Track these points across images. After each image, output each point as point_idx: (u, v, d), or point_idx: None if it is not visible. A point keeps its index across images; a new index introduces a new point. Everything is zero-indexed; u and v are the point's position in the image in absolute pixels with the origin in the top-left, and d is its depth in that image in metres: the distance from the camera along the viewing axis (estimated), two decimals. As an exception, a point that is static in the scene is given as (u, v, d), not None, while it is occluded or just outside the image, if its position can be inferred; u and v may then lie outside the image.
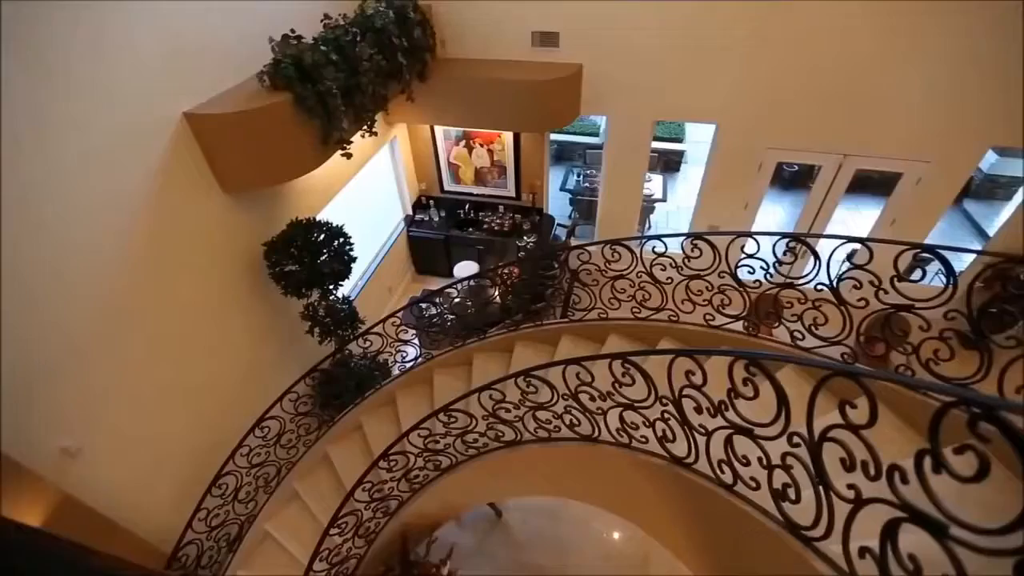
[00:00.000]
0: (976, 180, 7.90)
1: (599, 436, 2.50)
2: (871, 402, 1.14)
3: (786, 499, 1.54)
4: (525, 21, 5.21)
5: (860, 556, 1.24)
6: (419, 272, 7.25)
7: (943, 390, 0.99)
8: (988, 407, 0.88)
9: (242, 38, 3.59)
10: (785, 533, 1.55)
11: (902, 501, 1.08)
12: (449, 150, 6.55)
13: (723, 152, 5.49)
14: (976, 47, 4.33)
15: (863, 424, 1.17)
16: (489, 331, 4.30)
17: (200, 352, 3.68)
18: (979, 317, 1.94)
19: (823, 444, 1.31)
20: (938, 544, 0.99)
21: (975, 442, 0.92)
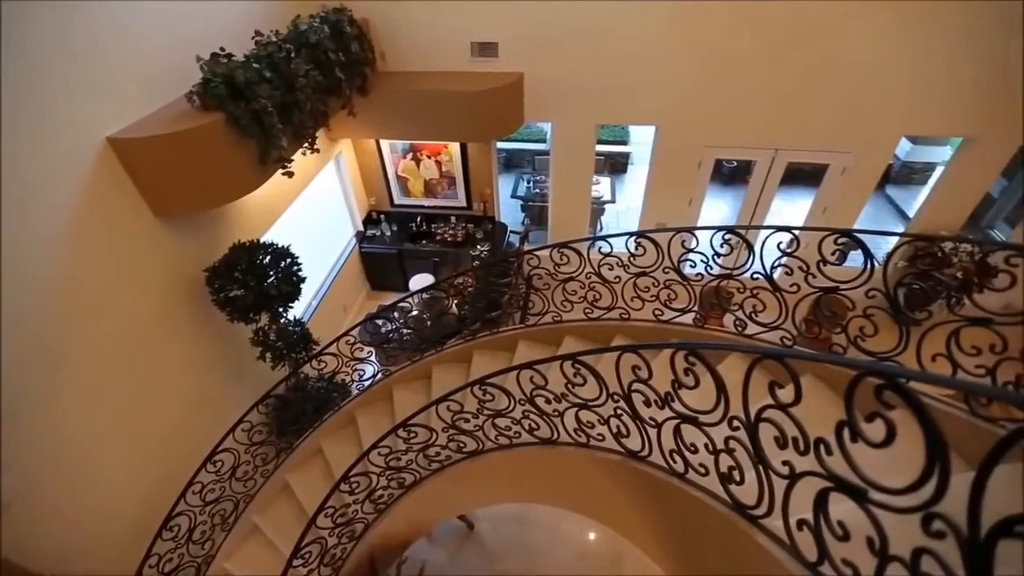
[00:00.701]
0: (895, 167, 8.50)
1: (558, 438, 2.53)
2: (794, 381, 1.20)
3: (732, 481, 1.60)
4: (464, 32, 5.26)
5: (799, 529, 1.31)
6: (374, 288, 7.13)
7: (850, 364, 1.05)
8: (889, 376, 0.95)
9: (169, 58, 3.46)
10: (734, 514, 1.61)
11: (828, 472, 1.15)
12: (396, 163, 6.50)
13: (664, 152, 5.70)
14: (888, 46, 4.68)
15: (790, 403, 1.23)
16: (447, 342, 4.27)
17: (138, 390, 3.49)
18: (896, 294, 2.08)
19: (759, 425, 1.37)
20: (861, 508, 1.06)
21: (882, 410, 0.98)
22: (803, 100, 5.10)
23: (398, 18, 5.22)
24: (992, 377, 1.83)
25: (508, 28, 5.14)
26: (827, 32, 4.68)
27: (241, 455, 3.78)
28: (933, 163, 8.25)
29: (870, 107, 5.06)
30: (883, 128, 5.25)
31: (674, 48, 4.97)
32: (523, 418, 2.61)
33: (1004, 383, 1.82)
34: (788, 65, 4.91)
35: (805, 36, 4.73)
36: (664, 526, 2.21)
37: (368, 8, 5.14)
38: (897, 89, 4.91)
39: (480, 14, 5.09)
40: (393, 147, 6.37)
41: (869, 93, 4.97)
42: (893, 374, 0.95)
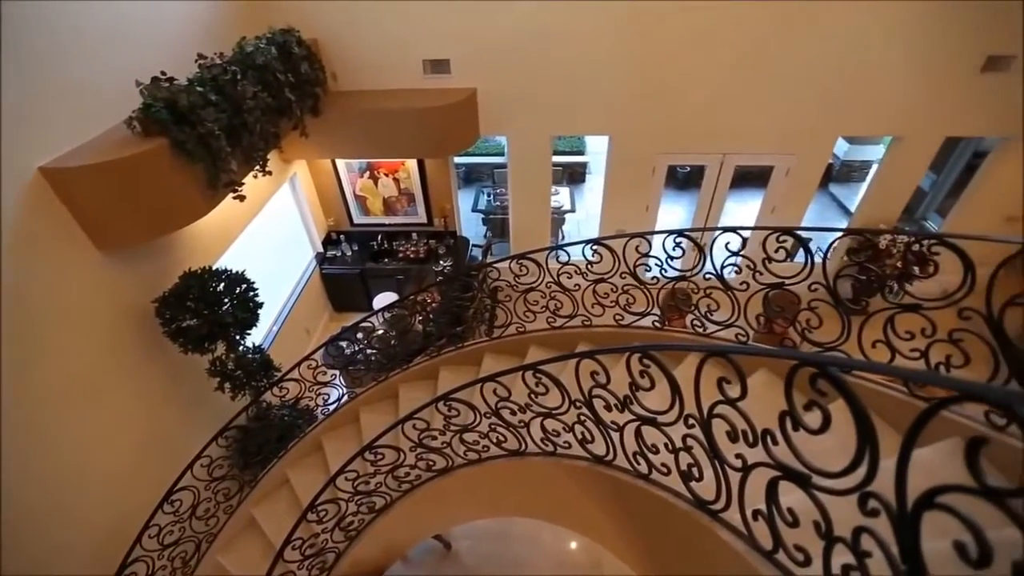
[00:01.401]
0: (835, 167, 8.97)
1: (526, 449, 2.53)
2: (740, 376, 1.25)
3: (692, 479, 1.64)
4: (415, 50, 5.29)
5: (754, 519, 1.35)
6: (337, 310, 7.00)
7: (787, 355, 1.10)
8: (820, 364, 1.00)
9: (107, 83, 3.35)
10: (696, 511, 1.64)
11: (775, 461, 1.19)
12: (354, 182, 6.44)
13: (618, 161, 5.84)
14: (822, 53, 4.96)
15: (737, 397, 1.27)
16: (414, 360, 4.22)
17: (84, 433, 3.29)
18: (836, 286, 2.19)
19: (712, 421, 1.41)
20: (805, 493, 1.10)
21: (817, 398, 1.03)
22: (746, 106, 5.35)
23: (348, 38, 5.21)
24: (925, 359, 1.94)
25: (459, 45, 5.20)
26: (766, 41, 4.94)
27: (201, 492, 3.61)
28: (869, 161, 8.74)
29: (808, 111, 5.34)
30: (821, 130, 5.55)
31: (622, 60, 5.14)
32: (490, 431, 2.61)
33: (936, 364, 1.94)
34: (731, 73, 5.14)
35: (746, 46, 4.97)
36: (633, 528, 2.24)
37: (317, 28, 5.12)
38: (831, 93, 5.21)
39: (430, 32, 5.14)
40: (350, 166, 6.31)
41: (806, 98, 5.25)
42: (824, 363, 1.00)
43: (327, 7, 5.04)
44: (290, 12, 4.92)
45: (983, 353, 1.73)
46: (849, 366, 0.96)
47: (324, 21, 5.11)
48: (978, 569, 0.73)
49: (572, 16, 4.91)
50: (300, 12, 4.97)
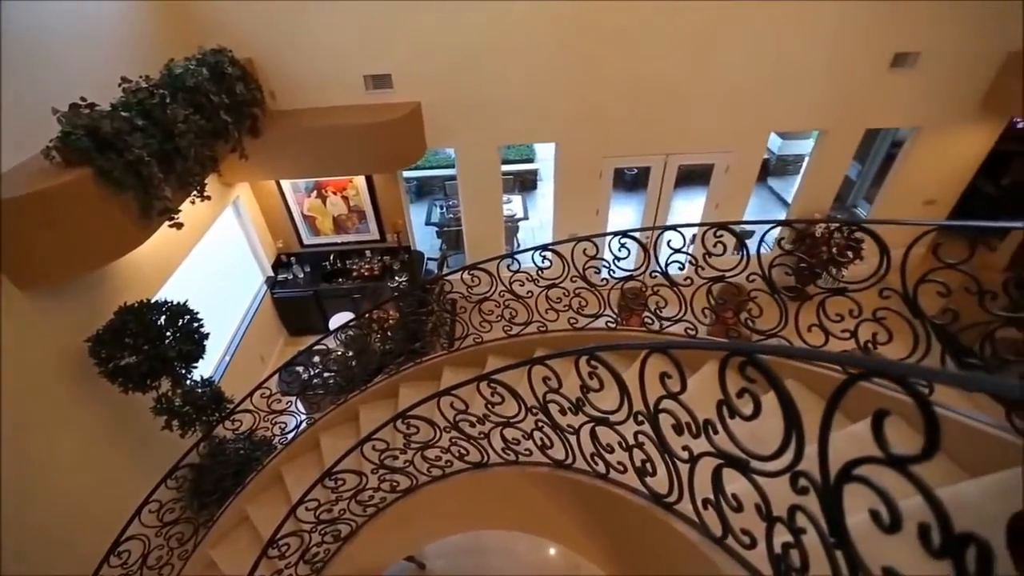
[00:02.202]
0: (772, 161, 9.43)
1: (489, 460, 2.52)
2: (678, 369, 1.28)
3: (647, 474, 1.67)
4: (355, 66, 5.24)
5: (704, 508, 1.38)
6: (292, 334, 6.78)
7: (716, 346, 1.15)
8: (747, 353, 1.04)
9: (21, 112, 3.15)
10: (652, 505, 1.67)
11: (717, 449, 1.23)
12: (301, 203, 6.29)
13: (566, 167, 5.95)
14: (751, 54, 5.23)
15: (678, 391, 1.31)
16: (374, 380, 4.14)
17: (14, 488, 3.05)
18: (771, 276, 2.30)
19: (659, 416, 1.45)
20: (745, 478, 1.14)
21: (748, 384, 1.08)
22: (685, 107, 5.56)
23: (285, 56, 5.11)
24: (855, 338, 2.05)
25: (400, 59, 5.19)
26: (700, 45, 5.15)
27: (152, 540, 3.40)
28: (802, 155, 9.24)
29: (741, 110, 5.61)
30: (754, 127, 5.83)
31: (562, 68, 5.24)
32: (452, 445, 2.58)
33: (865, 342, 2.06)
34: (669, 77, 5.34)
35: (682, 50, 5.17)
36: (599, 529, 2.26)
37: (251, 47, 4.99)
38: (762, 92, 5.49)
39: (370, 47, 5.10)
40: (296, 186, 6.15)
41: (739, 97, 5.52)
42: (750, 351, 1.05)
43: (260, 26, 4.93)
44: (221, 32, 4.78)
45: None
46: (770, 352, 1.00)
47: (258, 40, 4.99)
48: (891, 534, 0.77)
49: (511, 26, 4.98)
50: (232, 32, 4.83)
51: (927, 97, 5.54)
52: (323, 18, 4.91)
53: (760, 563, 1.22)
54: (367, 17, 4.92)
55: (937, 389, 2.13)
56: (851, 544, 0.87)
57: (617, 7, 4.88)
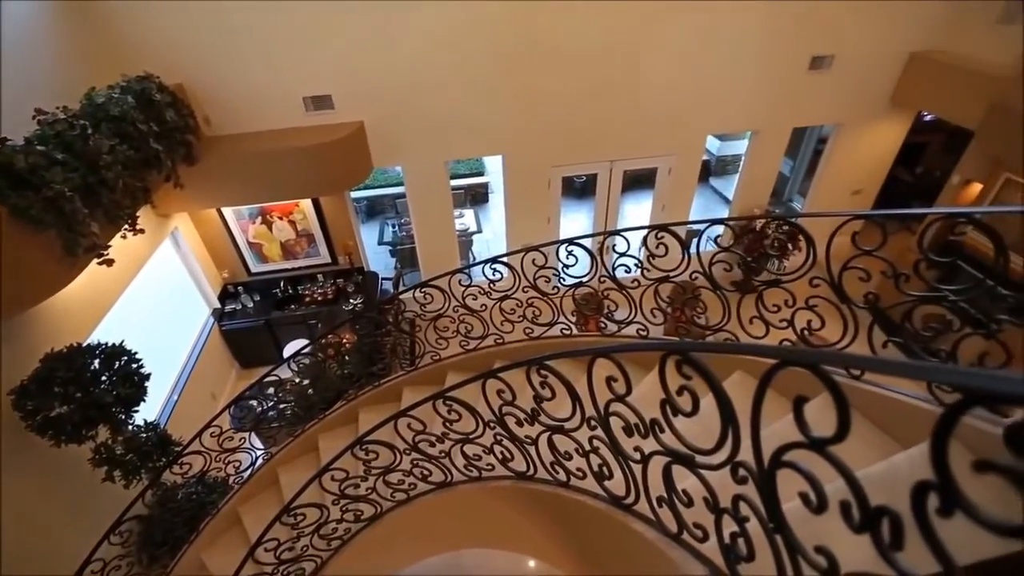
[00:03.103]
0: (712, 162, 9.85)
1: (452, 479, 2.48)
2: (622, 372, 1.31)
3: (605, 478, 1.69)
4: (293, 88, 5.14)
5: (659, 506, 1.41)
6: (245, 366, 6.51)
7: (653, 347, 1.18)
8: (683, 350, 1.07)
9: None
10: (612, 508, 1.69)
11: (665, 447, 1.25)
12: (246, 230, 6.07)
13: (514, 178, 6.01)
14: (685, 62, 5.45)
15: (624, 393, 1.33)
16: (333, 407, 4.01)
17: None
18: (711, 272, 2.39)
19: (609, 419, 1.47)
20: (691, 472, 1.17)
21: (687, 383, 1.11)
22: (624, 115, 5.74)
23: (218, 80, 4.95)
24: (792, 326, 2.16)
25: (339, 79, 5.13)
26: (631, 56, 5.34)
27: (96, 603, 3.16)
28: (739, 155, 9.69)
29: (678, 114, 5.84)
30: (692, 130, 6.08)
31: (504, 81, 5.31)
32: (413, 467, 2.53)
33: (804, 329, 2.16)
34: (606, 85, 5.50)
35: (616, 60, 5.34)
36: (565, 536, 2.26)
37: (181, 73, 4.81)
38: (696, 97, 5.74)
39: (307, 69, 5.02)
40: (239, 213, 5.94)
41: (676, 102, 5.75)
42: (685, 349, 1.08)
43: (189, 51, 4.76)
44: (148, 58, 4.59)
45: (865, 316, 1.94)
46: (701, 349, 1.04)
47: (188, 65, 4.82)
48: (819, 514, 0.81)
49: (448, 42, 5.02)
50: (159, 58, 4.65)
51: (844, 96, 5.94)
52: (256, 42, 4.80)
53: (713, 555, 1.24)
54: (302, 39, 4.85)
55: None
56: (788, 527, 0.91)
57: (552, 19, 5.00)
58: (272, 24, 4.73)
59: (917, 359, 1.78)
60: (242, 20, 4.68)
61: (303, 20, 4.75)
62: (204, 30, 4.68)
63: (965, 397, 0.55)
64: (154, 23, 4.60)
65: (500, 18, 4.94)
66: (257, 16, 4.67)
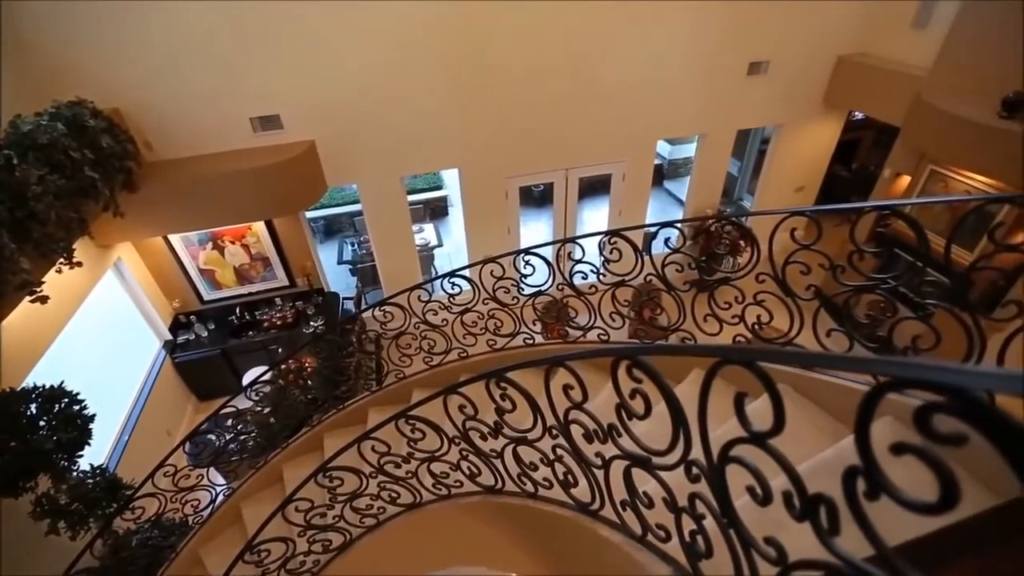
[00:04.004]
0: (665, 166, 10.15)
1: (421, 499, 2.43)
2: (577, 380, 1.32)
3: (570, 485, 1.69)
4: (239, 109, 5.01)
5: (623, 509, 1.42)
6: (202, 398, 6.23)
7: (605, 352, 1.19)
8: (631, 354, 1.09)
9: None
10: (579, 515, 1.69)
11: (623, 451, 1.27)
12: (196, 257, 5.84)
13: (471, 190, 6.03)
14: (631, 68, 5.60)
15: (580, 400, 1.34)
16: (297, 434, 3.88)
17: None
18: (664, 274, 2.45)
19: (570, 427, 1.47)
20: (649, 474, 1.19)
21: (637, 385, 1.12)
22: (575, 123, 5.85)
23: (158, 104, 4.77)
24: (743, 322, 2.23)
25: (287, 99, 5.03)
26: (579, 65, 5.46)
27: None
28: (689, 157, 10.03)
29: (628, 121, 6.00)
30: (642, 136, 6.25)
31: (455, 94, 5.33)
32: (381, 491, 2.47)
33: (754, 323, 2.24)
34: (557, 96, 5.59)
35: (564, 70, 5.45)
36: (537, 548, 2.24)
37: (117, 97, 4.61)
38: (645, 104, 5.91)
39: (252, 89, 4.90)
40: (187, 240, 5.71)
41: (625, 110, 5.90)
42: (633, 352, 1.10)
43: (124, 75, 4.58)
44: (80, 83, 4.38)
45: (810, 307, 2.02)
46: (648, 351, 1.06)
47: (124, 89, 4.63)
48: (765, 506, 0.83)
49: (396, 58, 5.00)
50: (92, 82, 4.44)
51: (781, 98, 6.25)
52: (197, 63, 4.66)
53: (677, 554, 1.26)
54: (245, 59, 4.74)
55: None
56: (739, 521, 0.93)
57: (499, 31, 5.06)
58: (213, 45, 4.61)
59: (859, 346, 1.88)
60: (180, 41, 4.53)
61: (245, 40, 4.65)
62: (140, 52, 4.52)
63: (878, 385, 0.57)
64: (86, 47, 4.41)
65: (447, 32, 4.98)
66: (195, 37, 4.54)
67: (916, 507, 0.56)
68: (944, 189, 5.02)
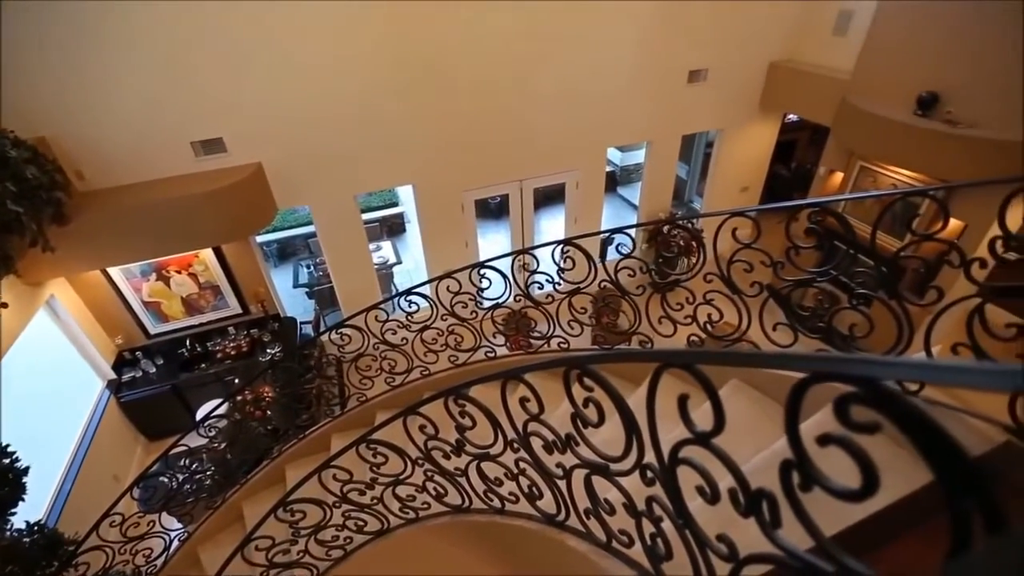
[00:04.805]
0: (617, 173, 10.41)
1: (389, 525, 2.37)
2: (532, 392, 1.32)
3: (536, 498, 1.68)
4: (178, 133, 4.81)
5: (587, 518, 1.42)
6: (153, 438, 5.90)
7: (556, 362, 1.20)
8: (581, 363, 1.10)
9: None
10: (547, 527, 1.69)
11: (581, 459, 1.27)
12: (139, 289, 5.55)
13: (427, 206, 6.00)
14: (578, 79, 5.72)
15: (538, 412, 1.34)
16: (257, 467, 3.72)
17: None
18: (617, 279, 2.49)
19: (530, 439, 1.47)
20: (608, 480, 1.20)
21: (589, 393, 1.13)
22: (526, 135, 5.92)
23: (89, 130, 4.53)
24: (695, 321, 2.29)
25: (229, 121, 4.88)
26: (525, 77, 5.53)
27: None
28: (640, 164, 10.32)
29: (578, 131, 6.12)
30: (592, 145, 6.39)
31: (401, 112, 5.29)
32: (346, 520, 2.39)
33: (706, 322, 2.30)
34: (507, 109, 5.65)
35: (513, 83, 5.51)
36: (509, 564, 2.21)
37: (42, 125, 4.34)
38: (593, 114, 6.05)
39: (192, 112, 4.73)
40: (128, 272, 5.43)
41: (574, 120, 6.02)
42: (581, 359, 1.11)
43: (49, 100, 4.33)
44: (0, 112, 4.12)
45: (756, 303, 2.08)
46: (594, 359, 1.07)
47: (49, 116, 4.37)
48: (714, 504, 0.85)
49: (341, 74, 4.93)
50: (8, 110, 4.18)
51: (720, 104, 6.53)
52: (128, 87, 4.46)
53: (641, 559, 1.27)
54: (183, 81, 4.57)
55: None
56: (693, 521, 0.95)
57: (446, 45, 5.08)
58: (146, 68, 4.43)
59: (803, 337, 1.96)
60: (109, 65, 4.33)
61: (182, 61, 4.49)
62: (66, 77, 4.29)
63: (800, 381, 0.60)
64: (3, 73, 4.15)
65: (394, 49, 4.96)
66: (126, 60, 4.35)
67: (843, 495, 0.58)
68: (873, 183, 5.35)
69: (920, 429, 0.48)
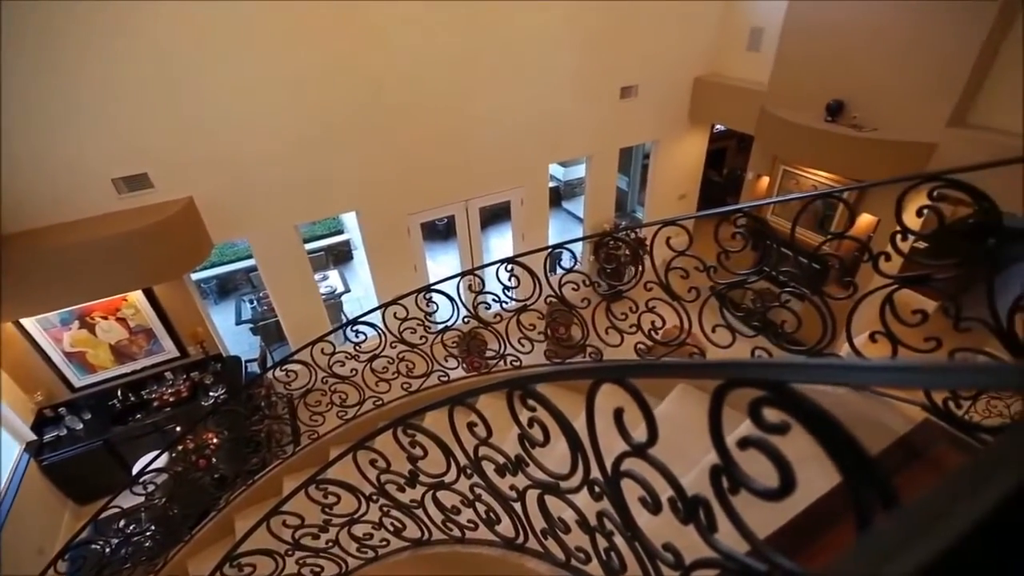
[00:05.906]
0: (561, 188, 10.64)
1: (347, 568, 2.26)
2: (478, 415, 1.30)
3: (494, 523, 1.65)
4: (96, 171, 4.51)
5: (545, 538, 1.41)
6: (83, 502, 5.40)
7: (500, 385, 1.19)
8: (520, 383, 1.10)
9: None
10: (508, 551, 1.66)
11: (532, 480, 1.27)
12: (59, 339, 5.12)
13: (372, 231, 5.90)
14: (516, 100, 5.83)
15: (485, 437, 1.33)
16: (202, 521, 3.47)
17: None
18: (562, 293, 2.53)
19: (481, 464, 1.45)
20: (559, 499, 1.19)
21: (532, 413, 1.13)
22: (466, 155, 5.96)
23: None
24: (640, 329, 2.35)
25: (152, 155, 4.62)
26: (464, 100, 5.59)
27: None
28: (583, 178, 10.60)
29: (517, 150, 6.23)
30: (533, 162, 6.52)
31: (338, 137, 5.20)
32: (301, 567, 2.26)
33: (650, 329, 2.37)
34: (445, 131, 5.67)
35: (451, 104, 5.55)
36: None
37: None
38: (533, 132, 6.18)
39: (110, 148, 4.45)
40: (45, 321, 5.00)
41: (514, 139, 6.12)
42: (527, 378, 1.11)
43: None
44: None
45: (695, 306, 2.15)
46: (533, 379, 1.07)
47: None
48: (656, 515, 0.86)
49: (272, 101, 4.79)
50: None
51: (652, 117, 6.84)
52: (37, 122, 4.16)
53: (599, 573, 1.27)
54: (98, 114, 4.30)
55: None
56: (639, 531, 0.96)
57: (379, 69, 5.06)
58: (55, 101, 4.15)
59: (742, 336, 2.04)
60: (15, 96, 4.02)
61: (95, 93, 4.23)
62: (-37, 118, 3.96)
63: (717, 387, 0.62)
64: None
65: (329, 74, 4.89)
66: (32, 90, 4.05)
67: (765, 495, 0.60)
68: (796, 185, 5.73)
69: (823, 427, 0.51)
